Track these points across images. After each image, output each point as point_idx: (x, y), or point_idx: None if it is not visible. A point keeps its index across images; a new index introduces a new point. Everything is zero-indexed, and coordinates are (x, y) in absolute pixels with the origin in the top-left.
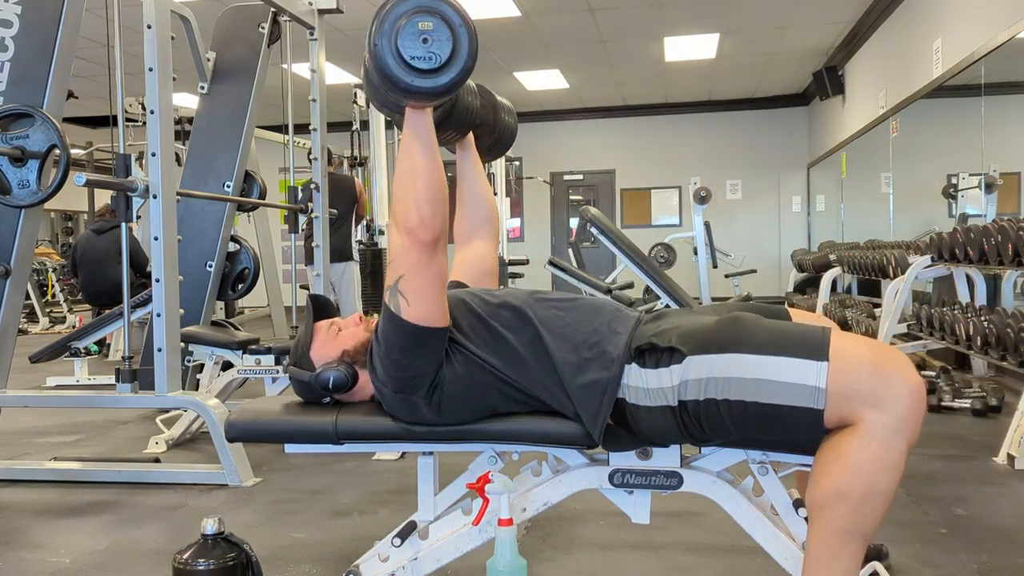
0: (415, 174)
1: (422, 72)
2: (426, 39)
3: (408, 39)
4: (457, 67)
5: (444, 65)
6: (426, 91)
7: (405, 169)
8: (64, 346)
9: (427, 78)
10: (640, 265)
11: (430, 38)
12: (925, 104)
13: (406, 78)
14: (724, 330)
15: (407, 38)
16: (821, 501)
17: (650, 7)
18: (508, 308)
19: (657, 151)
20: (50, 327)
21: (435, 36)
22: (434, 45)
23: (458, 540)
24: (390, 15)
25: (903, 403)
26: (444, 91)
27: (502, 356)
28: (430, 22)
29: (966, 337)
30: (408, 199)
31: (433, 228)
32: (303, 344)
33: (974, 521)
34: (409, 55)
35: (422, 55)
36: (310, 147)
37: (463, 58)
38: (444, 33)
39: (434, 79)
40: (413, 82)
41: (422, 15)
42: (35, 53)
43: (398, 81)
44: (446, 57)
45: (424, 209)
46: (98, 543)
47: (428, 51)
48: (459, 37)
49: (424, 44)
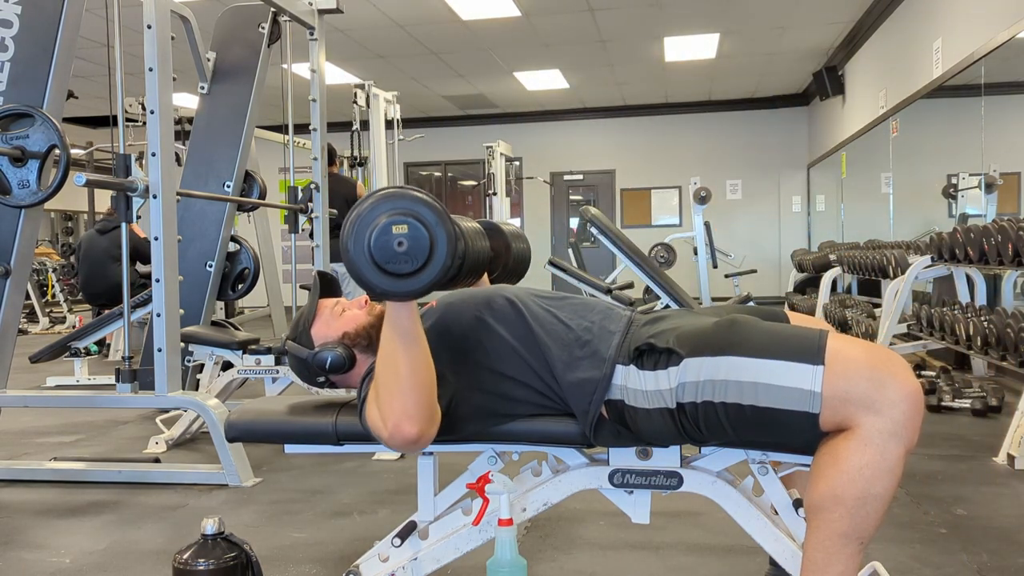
0: (396, 366)
1: (399, 276)
2: (401, 242)
3: (382, 245)
4: (435, 268)
5: (422, 267)
6: (404, 295)
7: (387, 359)
8: (64, 346)
9: (404, 282)
10: (640, 265)
11: (405, 242)
12: (925, 104)
13: (382, 283)
14: (721, 333)
15: (381, 244)
16: (817, 504)
17: (650, 7)
18: (501, 299)
19: (657, 151)
20: (50, 327)
21: (411, 239)
22: (410, 249)
23: (458, 540)
24: (363, 218)
25: (900, 408)
26: (422, 293)
27: (498, 353)
28: (405, 225)
29: (966, 337)
30: (391, 389)
31: (418, 420)
32: (305, 320)
33: (974, 521)
34: (384, 260)
35: (397, 259)
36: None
37: (441, 258)
38: (420, 235)
39: (411, 282)
40: (389, 287)
41: (397, 218)
42: (35, 53)
43: (374, 286)
44: (423, 260)
45: (408, 402)
46: (98, 543)
47: (404, 255)
48: (436, 238)
49: (399, 248)
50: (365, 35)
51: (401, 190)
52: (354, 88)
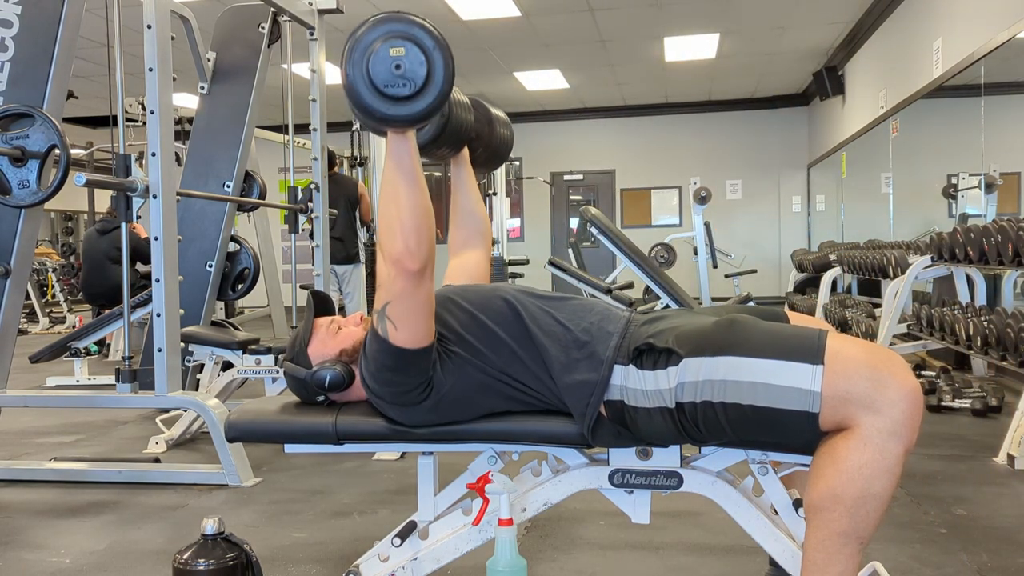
0: (398, 203)
1: (397, 100)
2: (399, 65)
3: (380, 67)
4: (433, 92)
5: (420, 91)
6: (402, 119)
7: (388, 198)
8: (64, 346)
9: (402, 105)
10: (640, 265)
11: (403, 64)
12: (925, 104)
13: (381, 107)
14: (720, 332)
15: (379, 66)
16: (817, 504)
17: (650, 7)
18: (498, 299)
19: (657, 151)
20: (50, 327)
21: (408, 62)
22: (408, 71)
23: (458, 540)
24: (360, 43)
25: (899, 407)
26: (421, 118)
27: (495, 352)
28: (402, 47)
29: (966, 337)
30: (393, 228)
31: (419, 257)
32: (301, 340)
33: (974, 521)
34: (382, 83)
35: (396, 82)
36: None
37: (439, 82)
38: (417, 58)
39: (409, 106)
40: (388, 111)
41: (394, 41)
42: (35, 53)
43: (373, 111)
44: (421, 83)
45: (410, 238)
46: (98, 543)
47: (402, 78)
48: (433, 61)
49: (397, 71)
50: None
51: (397, 13)
52: None
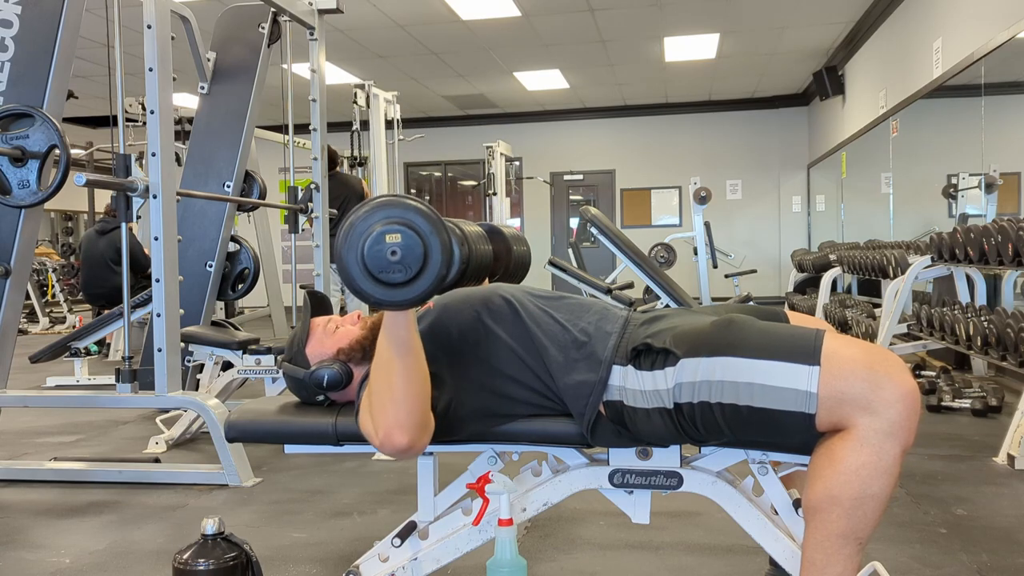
0: (390, 375)
1: (392, 286)
2: (395, 251)
3: (375, 254)
4: (429, 278)
5: (416, 276)
6: (398, 304)
7: (381, 368)
8: (64, 346)
9: (398, 291)
10: (640, 265)
11: (399, 251)
12: (925, 104)
13: (376, 293)
14: (718, 332)
15: (374, 253)
16: (815, 505)
17: (650, 7)
18: (498, 298)
19: (657, 151)
20: (50, 327)
21: (404, 248)
22: (404, 258)
23: (458, 540)
24: (356, 227)
25: (896, 408)
26: (416, 302)
27: (495, 352)
28: (398, 234)
29: (966, 337)
30: (384, 398)
31: (409, 430)
32: (299, 340)
33: (974, 521)
34: (377, 270)
35: (391, 268)
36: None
37: (435, 267)
38: (414, 244)
39: (405, 292)
40: (383, 296)
41: (390, 226)
42: (35, 53)
43: (367, 296)
44: (417, 269)
45: (400, 411)
46: (98, 543)
47: (398, 264)
48: (430, 247)
49: (393, 257)
50: (365, 35)
51: (395, 198)
52: (354, 88)
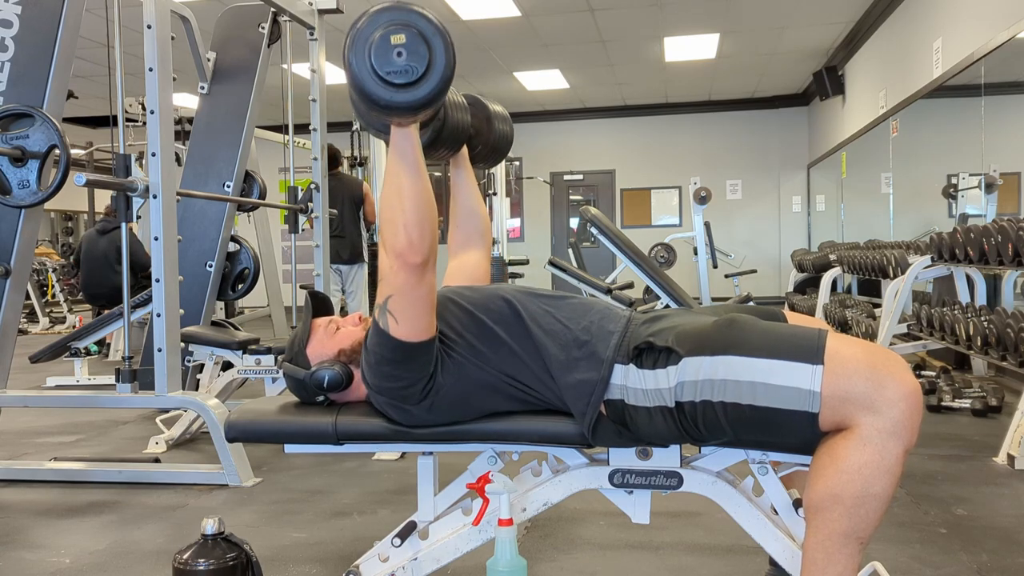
0: (401, 196)
1: (400, 86)
2: (400, 52)
3: (382, 54)
4: (435, 78)
5: (422, 77)
6: (406, 105)
7: (391, 191)
8: (64, 346)
9: (405, 92)
10: (640, 265)
11: (404, 51)
12: (925, 104)
13: (384, 94)
14: (720, 332)
15: (381, 54)
16: (816, 504)
17: (650, 7)
18: (498, 299)
19: (657, 151)
20: (50, 327)
21: (409, 49)
22: (409, 58)
23: (458, 540)
24: (361, 33)
25: (899, 407)
26: (425, 103)
27: (494, 352)
28: (403, 35)
29: (966, 337)
30: (396, 221)
31: (421, 250)
32: (300, 341)
33: (974, 521)
34: (384, 71)
35: (398, 69)
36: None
37: (440, 68)
38: (418, 45)
39: (412, 92)
40: (392, 97)
41: (394, 29)
42: (35, 53)
43: (377, 98)
44: (423, 69)
45: (412, 231)
46: (98, 543)
47: (404, 64)
48: (434, 47)
49: (399, 58)
50: None
51: (396, 2)
52: None
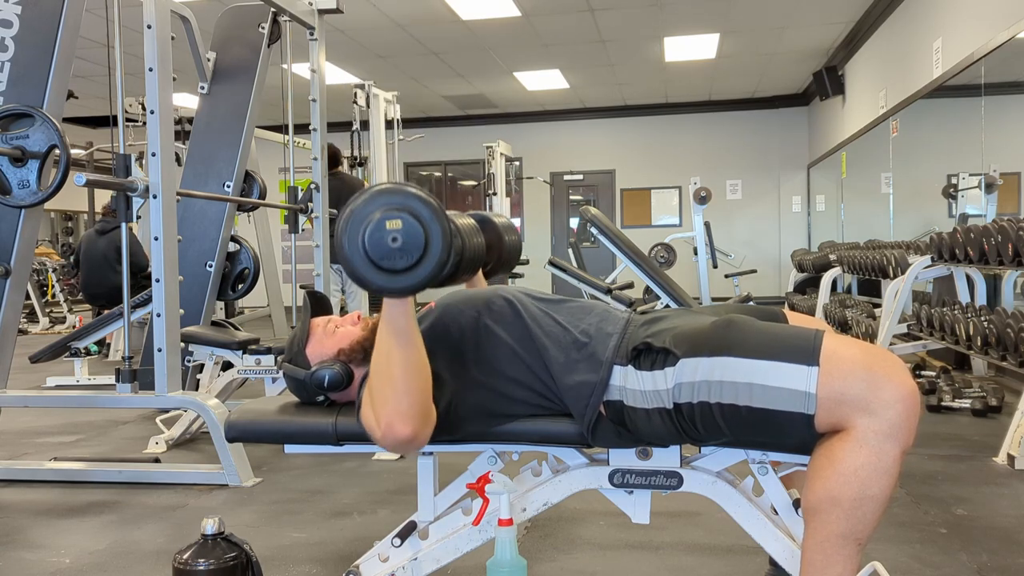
0: (390, 365)
1: (394, 272)
2: (396, 238)
3: (376, 241)
4: (430, 264)
5: (417, 263)
6: (399, 291)
7: (382, 357)
8: (64, 346)
9: (399, 278)
10: (640, 265)
11: (400, 237)
12: (925, 104)
13: (377, 280)
14: (717, 333)
15: (375, 240)
16: (814, 506)
17: (650, 7)
18: (499, 298)
19: (657, 151)
20: (50, 327)
21: (405, 235)
22: (405, 244)
23: (458, 540)
24: (356, 214)
25: (895, 409)
26: (417, 289)
27: (495, 352)
28: (399, 220)
29: (966, 337)
30: (384, 389)
31: (411, 420)
32: (299, 341)
33: (974, 521)
34: (378, 257)
35: (392, 255)
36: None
37: (436, 254)
38: (415, 230)
39: (406, 278)
40: (385, 284)
41: (391, 213)
42: (35, 53)
43: (369, 283)
44: (418, 256)
45: (401, 401)
46: (98, 543)
47: (398, 251)
48: (431, 233)
49: (394, 243)
50: (365, 35)
51: (395, 185)
52: (354, 88)
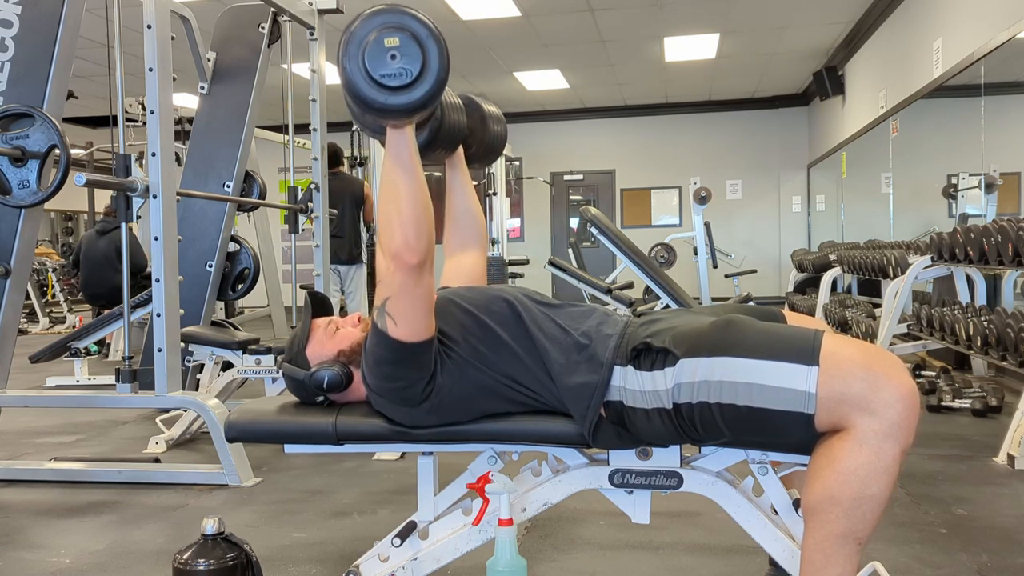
0: (398, 197)
1: (394, 89)
2: (394, 55)
3: (375, 57)
4: (430, 80)
5: (416, 79)
6: (401, 107)
7: (388, 192)
8: (64, 346)
9: (400, 94)
10: (640, 265)
11: (398, 54)
12: (925, 104)
13: (379, 97)
14: (716, 333)
15: (374, 57)
16: (814, 505)
17: (650, 7)
18: (500, 301)
19: (657, 151)
20: (50, 327)
21: (403, 51)
22: (403, 60)
23: (458, 540)
24: (355, 35)
25: (895, 409)
26: (419, 106)
27: (496, 353)
28: (396, 38)
29: (966, 337)
30: (392, 222)
31: (418, 251)
32: (299, 341)
33: (974, 521)
34: (379, 73)
35: (392, 72)
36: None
37: (434, 70)
38: (412, 47)
39: (407, 95)
40: (387, 100)
41: (388, 31)
42: (35, 53)
43: (371, 101)
44: (417, 71)
45: (409, 232)
46: (98, 543)
47: (398, 67)
48: (428, 50)
49: (393, 60)
50: None
51: (390, 5)
52: None
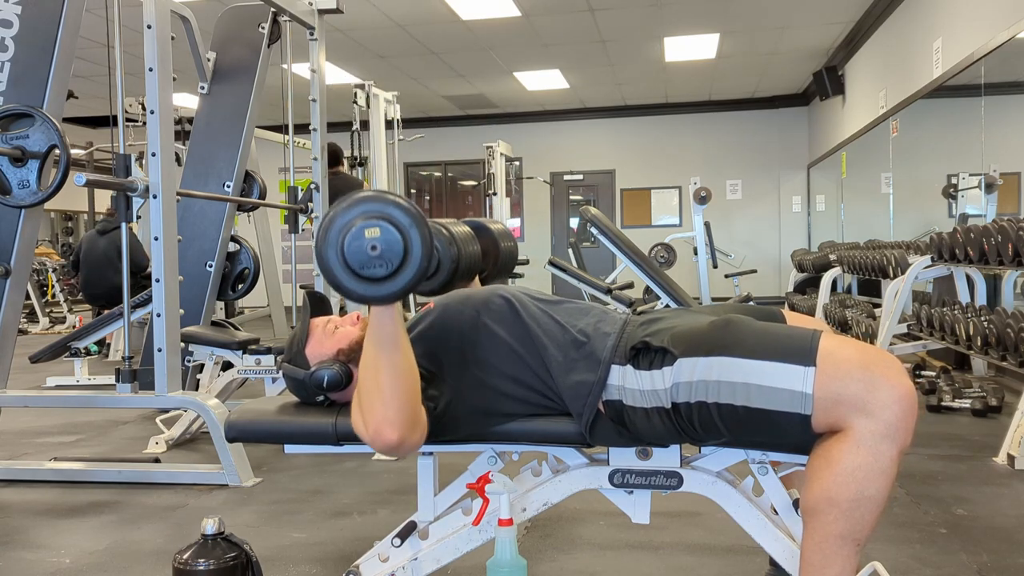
0: (378, 370)
1: (374, 280)
2: (375, 246)
3: (355, 250)
4: (410, 271)
5: (397, 270)
6: (380, 299)
7: (368, 364)
8: (64, 346)
9: (379, 286)
10: (640, 265)
11: (379, 245)
12: (925, 104)
13: (358, 289)
14: (715, 333)
15: (354, 249)
16: (812, 506)
17: (650, 7)
18: (498, 298)
19: (657, 151)
20: (50, 327)
21: (384, 243)
22: (384, 252)
23: (458, 540)
24: (334, 225)
25: (892, 410)
26: (399, 296)
27: (495, 352)
28: (377, 228)
29: (966, 337)
30: (372, 395)
31: (398, 427)
32: (298, 341)
33: (974, 521)
34: (358, 266)
35: (372, 264)
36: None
37: (416, 260)
38: (394, 238)
39: (387, 286)
40: (365, 292)
41: (369, 221)
42: (35, 53)
43: (350, 293)
44: (398, 263)
45: (389, 407)
46: (98, 543)
47: (379, 259)
48: (410, 240)
49: (373, 252)
50: (365, 35)
51: (374, 193)
52: (354, 88)
